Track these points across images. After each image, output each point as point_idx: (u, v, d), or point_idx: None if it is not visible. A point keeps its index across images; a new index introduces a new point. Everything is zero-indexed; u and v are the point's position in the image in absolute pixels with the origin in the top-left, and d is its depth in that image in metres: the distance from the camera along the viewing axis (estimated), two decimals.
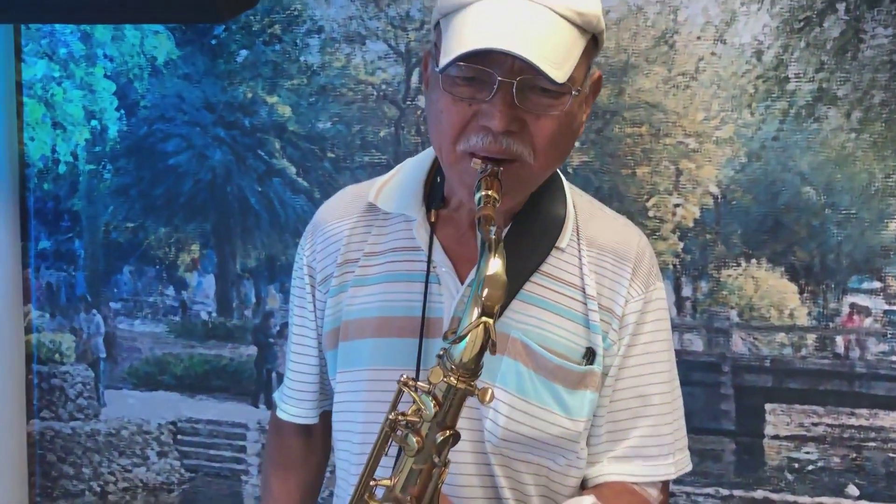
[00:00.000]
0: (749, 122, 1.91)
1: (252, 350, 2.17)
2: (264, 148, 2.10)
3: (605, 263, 1.13)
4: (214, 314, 2.18)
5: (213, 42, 2.08)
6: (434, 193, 1.14)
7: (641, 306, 1.13)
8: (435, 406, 0.91)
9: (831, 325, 1.93)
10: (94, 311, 2.22)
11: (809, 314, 1.94)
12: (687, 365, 2.00)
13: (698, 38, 1.89)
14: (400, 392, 0.96)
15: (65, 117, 2.15)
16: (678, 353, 1.97)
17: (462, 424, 0.94)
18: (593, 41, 1.03)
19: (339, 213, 1.20)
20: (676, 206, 1.96)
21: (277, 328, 2.15)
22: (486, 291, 0.89)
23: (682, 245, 1.97)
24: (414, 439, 0.92)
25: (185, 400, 2.21)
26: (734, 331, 1.98)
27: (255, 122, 2.10)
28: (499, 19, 0.96)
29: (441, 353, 0.91)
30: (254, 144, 2.10)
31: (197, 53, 2.09)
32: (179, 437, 2.22)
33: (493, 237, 0.92)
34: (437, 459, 0.93)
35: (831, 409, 1.95)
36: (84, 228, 2.19)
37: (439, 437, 0.92)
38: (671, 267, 1.98)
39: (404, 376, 0.94)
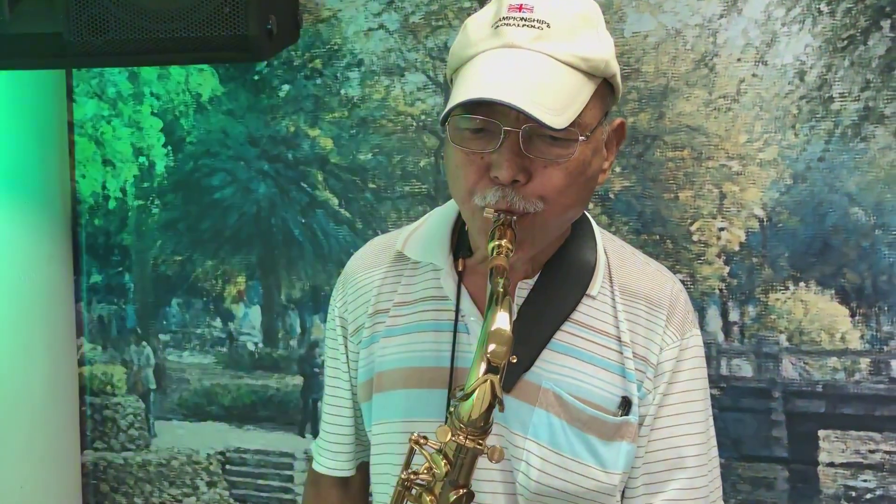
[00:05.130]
0: (793, 144, 1.88)
1: (298, 380, 2.19)
2: (307, 180, 2.13)
3: (638, 310, 1.10)
4: (261, 345, 2.21)
5: (256, 78, 2.12)
6: (461, 242, 1.13)
7: (677, 354, 1.10)
8: (446, 465, 0.90)
9: (885, 348, 1.88)
10: (144, 343, 2.26)
11: (862, 338, 1.89)
12: (736, 391, 1.96)
13: (739, 59, 1.87)
14: (412, 451, 0.96)
15: (114, 154, 2.21)
16: (727, 378, 1.97)
17: (495, 477, 0.93)
18: (608, 86, 1.02)
19: (368, 263, 1.20)
20: (721, 229, 1.93)
21: (322, 358, 2.16)
22: (491, 347, 0.88)
23: (727, 269, 1.94)
24: (427, 498, 0.91)
25: (234, 430, 2.23)
26: (784, 356, 1.94)
27: (297, 156, 2.13)
28: (497, 70, 0.96)
29: (450, 410, 0.91)
30: (297, 177, 2.13)
31: (240, 89, 2.13)
32: (228, 466, 2.24)
33: (501, 290, 0.91)
34: None
35: (889, 436, 1.89)
36: (133, 262, 2.24)
37: (452, 496, 0.90)
38: (717, 291, 1.95)
39: (415, 434, 0.94)
